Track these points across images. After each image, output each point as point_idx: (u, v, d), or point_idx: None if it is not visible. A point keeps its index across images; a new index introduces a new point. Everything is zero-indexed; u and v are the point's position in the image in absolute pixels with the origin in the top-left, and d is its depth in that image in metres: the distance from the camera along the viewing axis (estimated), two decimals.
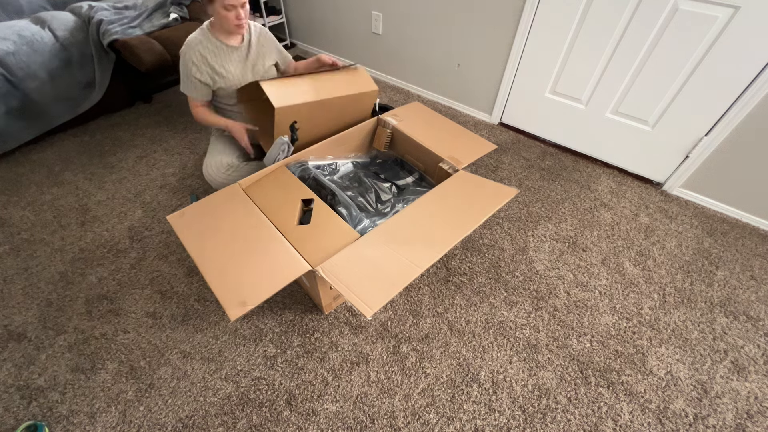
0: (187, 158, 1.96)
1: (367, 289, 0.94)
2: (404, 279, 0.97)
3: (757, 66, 1.39)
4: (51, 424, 1.07)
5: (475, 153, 1.42)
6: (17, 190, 1.78)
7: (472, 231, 1.15)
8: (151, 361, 1.20)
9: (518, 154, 2.02)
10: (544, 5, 1.71)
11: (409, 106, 1.65)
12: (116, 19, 1.99)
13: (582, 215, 1.70)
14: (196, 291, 1.38)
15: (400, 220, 1.13)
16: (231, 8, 1.26)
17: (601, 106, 1.82)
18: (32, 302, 1.35)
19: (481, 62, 2.07)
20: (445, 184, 1.26)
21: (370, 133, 1.60)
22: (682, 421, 1.09)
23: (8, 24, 1.83)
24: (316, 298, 1.29)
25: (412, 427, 1.07)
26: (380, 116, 1.56)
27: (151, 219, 1.64)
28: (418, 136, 1.47)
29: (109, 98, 2.11)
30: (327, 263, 1.00)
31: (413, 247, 1.04)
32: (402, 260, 1.00)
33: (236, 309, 0.89)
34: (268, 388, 1.15)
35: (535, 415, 1.10)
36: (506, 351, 1.24)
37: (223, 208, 1.16)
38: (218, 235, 1.08)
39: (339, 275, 0.97)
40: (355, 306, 0.89)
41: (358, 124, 1.51)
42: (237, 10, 1.28)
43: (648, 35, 1.54)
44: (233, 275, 0.98)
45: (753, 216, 1.67)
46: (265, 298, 0.92)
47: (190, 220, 1.12)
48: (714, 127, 1.57)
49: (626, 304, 1.37)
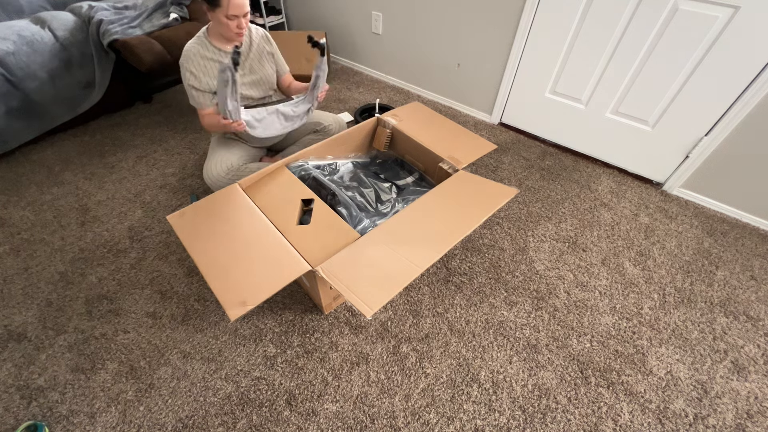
0: (187, 158, 1.96)
1: (367, 289, 0.94)
2: (404, 279, 0.97)
3: (757, 66, 1.39)
4: (51, 424, 1.07)
5: (475, 153, 1.42)
6: (17, 190, 1.78)
7: (472, 231, 1.15)
8: (151, 361, 1.20)
9: (518, 154, 2.02)
10: (544, 5, 1.71)
11: (408, 106, 1.65)
12: (116, 19, 1.99)
13: (582, 215, 1.70)
14: (196, 291, 1.38)
15: (400, 219, 1.13)
16: (233, 18, 1.27)
17: (601, 106, 1.82)
18: (32, 302, 1.35)
19: (481, 62, 2.07)
20: (444, 184, 1.26)
21: (370, 133, 1.60)
22: (682, 421, 1.09)
23: (8, 24, 1.83)
24: (316, 298, 1.29)
25: (412, 427, 1.07)
26: (380, 116, 1.56)
27: (151, 219, 1.64)
28: (418, 136, 1.47)
29: (109, 98, 2.11)
30: (327, 263, 1.00)
31: (413, 247, 1.04)
32: (402, 260, 1.00)
33: (236, 309, 0.89)
34: (268, 388, 1.15)
35: (535, 415, 1.10)
36: (506, 351, 1.24)
37: (223, 208, 1.16)
38: (218, 235, 1.08)
39: (339, 275, 0.97)
40: (355, 306, 0.89)
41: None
42: (239, 20, 1.29)
43: (648, 35, 1.54)
44: (233, 275, 0.97)
45: (753, 216, 1.67)
46: (264, 298, 0.92)
47: (190, 220, 1.12)
48: (714, 127, 1.57)
49: (626, 304, 1.37)
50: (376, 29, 2.41)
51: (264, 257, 1.03)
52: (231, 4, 1.23)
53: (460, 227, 1.10)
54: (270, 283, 0.96)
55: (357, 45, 2.63)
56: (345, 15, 2.53)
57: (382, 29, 2.39)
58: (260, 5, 2.71)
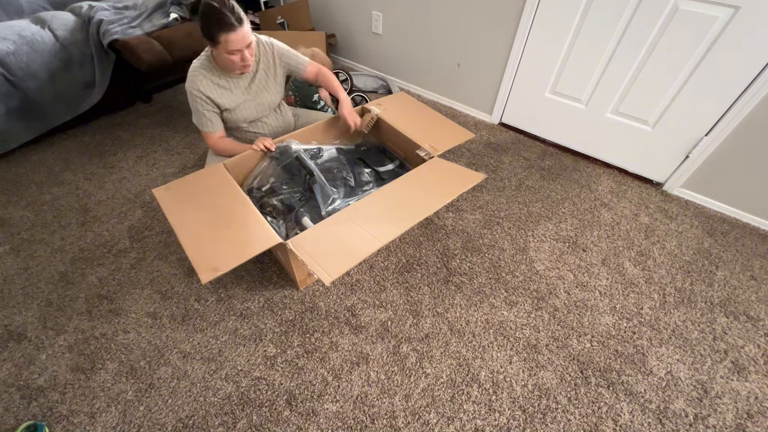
0: (187, 158, 1.96)
1: (330, 259, 1.01)
2: (366, 251, 1.05)
3: (757, 66, 1.39)
4: (51, 424, 1.07)
5: (452, 141, 1.48)
6: (17, 190, 1.78)
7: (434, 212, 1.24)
8: (151, 361, 1.20)
9: (518, 154, 2.02)
10: (544, 5, 1.71)
11: (394, 96, 1.72)
12: (116, 19, 1.99)
13: (582, 215, 1.70)
14: (196, 291, 1.38)
15: (370, 200, 1.22)
16: (236, 52, 1.18)
17: (601, 106, 1.82)
18: (32, 302, 1.35)
19: (481, 62, 2.07)
20: (418, 169, 1.33)
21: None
22: (682, 421, 1.09)
23: (8, 24, 1.83)
24: (291, 274, 1.35)
25: (412, 427, 1.07)
26: (365, 105, 1.62)
27: (151, 219, 1.64)
28: (400, 125, 1.52)
29: (109, 98, 2.11)
30: (297, 237, 1.08)
31: (379, 224, 1.12)
32: (365, 235, 1.08)
33: (208, 273, 0.96)
34: (268, 388, 1.15)
35: (535, 415, 1.10)
36: (506, 351, 1.24)
37: (206, 184, 1.25)
38: (199, 207, 1.16)
39: (306, 248, 1.05)
40: (317, 274, 0.97)
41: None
42: (243, 53, 1.19)
43: (648, 35, 1.53)
44: (209, 244, 1.05)
45: (753, 216, 1.67)
46: (235, 264, 1.00)
47: (174, 194, 1.21)
48: (714, 127, 1.57)
49: (626, 304, 1.37)
50: (376, 29, 2.41)
51: (240, 229, 1.10)
52: (228, 41, 1.14)
53: (425, 208, 1.18)
54: (242, 252, 1.02)
55: (357, 45, 2.63)
56: (345, 15, 2.53)
57: (382, 29, 2.39)
58: (260, 5, 2.71)
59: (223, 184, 1.24)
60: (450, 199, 1.24)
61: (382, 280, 1.42)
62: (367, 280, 1.42)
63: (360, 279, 1.42)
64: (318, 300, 1.36)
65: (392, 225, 1.11)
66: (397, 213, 1.16)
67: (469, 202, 1.74)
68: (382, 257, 1.50)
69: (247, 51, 1.20)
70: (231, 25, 1.12)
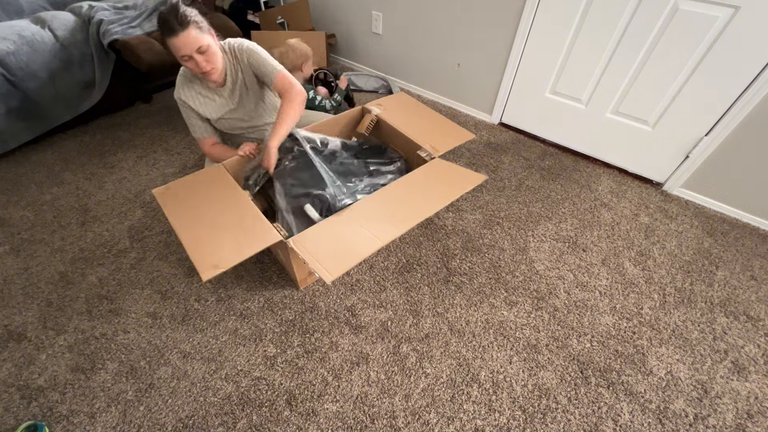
0: (187, 158, 1.96)
1: (331, 258, 1.02)
2: (366, 251, 1.06)
3: (757, 66, 1.39)
4: (51, 424, 1.07)
5: (453, 142, 1.48)
6: (17, 190, 1.78)
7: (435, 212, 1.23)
8: (151, 361, 1.20)
9: (518, 154, 2.02)
10: (544, 5, 1.71)
11: (394, 97, 1.72)
12: (116, 19, 1.99)
13: (582, 215, 1.70)
14: (196, 291, 1.38)
15: (372, 200, 1.21)
16: (186, 58, 1.13)
17: (601, 106, 1.81)
18: (32, 302, 1.35)
19: (481, 62, 2.07)
20: (419, 170, 1.33)
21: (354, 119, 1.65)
22: (682, 421, 1.09)
23: (8, 24, 1.84)
24: (291, 273, 1.34)
25: (412, 427, 1.07)
26: (365, 105, 1.61)
27: (151, 219, 1.64)
28: (400, 125, 1.52)
29: (109, 98, 2.11)
30: (299, 236, 1.08)
31: (380, 224, 1.12)
32: (367, 235, 1.09)
33: (209, 271, 0.97)
34: (268, 388, 1.15)
35: (535, 415, 1.10)
36: (506, 351, 1.24)
37: (206, 183, 1.26)
38: (198, 206, 1.17)
39: (307, 246, 1.05)
40: (318, 272, 0.97)
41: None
42: (194, 59, 1.13)
43: (648, 35, 1.53)
44: (209, 242, 1.06)
45: (753, 216, 1.67)
46: (236, 262, 1.00)
47: (174, 194, 1.21)
48: (714, 127, 1.57)
49: (626, 304, 1.37)
50: (376, 29, 2.41)
51: (240, 228, 1.10)
52: (172, 46, 1.10)
53: (426, 209, 1.19)
54: (242, 250, 1.03)
55: (357, 45, 2.63)
56: (345, 15, 2.53)
57: (382, 29, 2.39)
58: (260, 5, 2.72)
59: (223, 183, 1.24)
60: (451, 200, 1.24)
61: (382, 280, 1.42)
62: (367, 280, 1.42)
63: (360, 279, 1.42)
64: (318, 300, 1.36)
65: (393, 225, 1.12)
66: (398, 213, 1.17)
67: (469, 202, 1.74)
68: (382, 257, 1.50)
69: (200, 57, 1.14)
70: (172, 30, 1.08)
